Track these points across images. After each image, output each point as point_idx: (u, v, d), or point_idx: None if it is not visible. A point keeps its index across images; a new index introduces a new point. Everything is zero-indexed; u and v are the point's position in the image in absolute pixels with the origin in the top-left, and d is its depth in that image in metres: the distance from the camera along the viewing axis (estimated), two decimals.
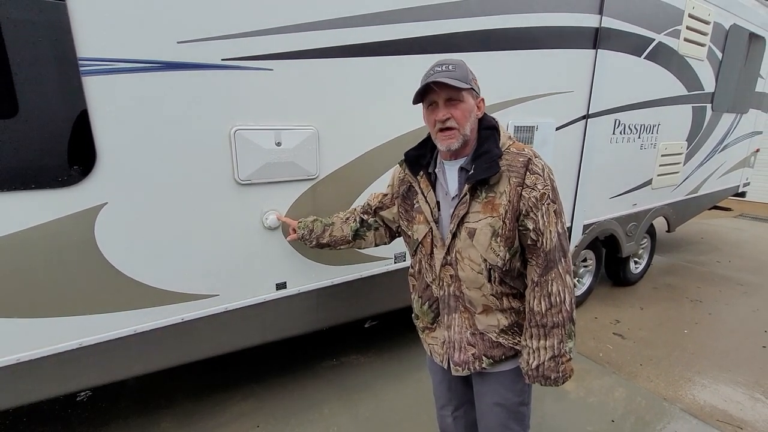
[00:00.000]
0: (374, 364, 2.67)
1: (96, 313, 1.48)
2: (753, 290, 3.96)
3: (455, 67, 1.07)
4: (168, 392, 2.39)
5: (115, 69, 1.32)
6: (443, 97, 1.08)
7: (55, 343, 1.43)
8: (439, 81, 1.04)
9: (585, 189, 2.93)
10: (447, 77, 1.04)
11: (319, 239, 1.56)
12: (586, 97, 2.74)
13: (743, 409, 2.28)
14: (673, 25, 3.07)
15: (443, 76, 1.04)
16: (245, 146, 1.60)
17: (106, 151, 1.36)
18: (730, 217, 7.02)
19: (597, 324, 3.27)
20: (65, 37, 1.23)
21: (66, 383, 1.52)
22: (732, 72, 3.91)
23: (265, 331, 1.92)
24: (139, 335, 1.57)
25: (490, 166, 1.07)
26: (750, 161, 5.07)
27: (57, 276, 1.38)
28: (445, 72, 1.06)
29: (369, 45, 1.80)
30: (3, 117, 1.19)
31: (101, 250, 1.43)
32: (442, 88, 1.06)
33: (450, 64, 1.08)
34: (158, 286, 1.57)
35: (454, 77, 1.05)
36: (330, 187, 1.87)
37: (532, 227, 1.09)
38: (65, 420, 2.18)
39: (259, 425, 2.13)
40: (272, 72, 1.60)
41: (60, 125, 1.27)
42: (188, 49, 1.43)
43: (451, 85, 1.04)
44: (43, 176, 1.28)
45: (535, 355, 1.13)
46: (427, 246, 1.20)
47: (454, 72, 1.06)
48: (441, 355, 1.29)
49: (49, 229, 1.33)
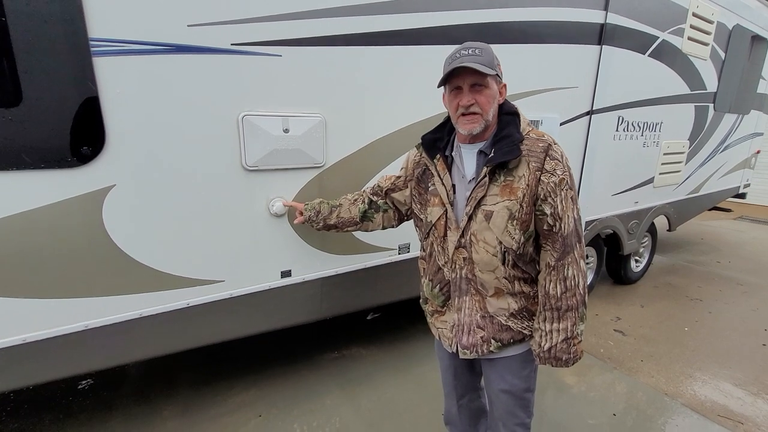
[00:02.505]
0: (376, 357, 2.67)
1: (102, 295, 1.48)
2: (753, 290, 3.97)
3: (481, 51, 1.07)
4: (170, 381, 2.39)
5: (125, 50, 1.32)
6: (468, 83, 1.08)
7: (62, 325, 1.43)
8: (467, 66, 1.04)
9: (588, 185, 2.94)
10: (474, 62, 1.04)
11: (326, 220, 1.56)
12: (591, 93, 2.75)
13: (743, 405, 2.29)
14: (677, 24, 3.09)
15: (470, 61, 1.04)
16: (253, 132, 1.60)
17: (115, 132, 1.37)
18: (731, 219, 7.04)
19: (598, 321, 3.27)
20: (77, 17, 1.23)
21: (71, 365, 1.52)
22: (734, 72, 3.93)
23: (269, 319, 1.92)
24: (145, 319, 1.57)
25: (511, 149, 1.08)
26: (751, 162, 5.09)
27: (64, 257, 1.38)
28: (472, 56, 1.05)
29: (378, 34, 1.80)
30: (12, 96, 1.19)
31: (108, 232, 1.43)
32: (468, 72, 1.06)
33: (476, 48, 1.07)
34: (164, 270, 1.57)
35: (481, 62, 1.04)
36: (336, 176, 1.87)
37: (549, 212, 1.09)
38: (66, 407, 2.18)
39: (261, 414, 2.13)
40: (281, 58, 1.60)
41: (70, 105, 1.27)
42: (198, 33, 1.43)
43: (477, 71, 1.04)
44: (53, 156, 1.28)
45: (547, 338, 1.14)
46: (441, 228, 1.21)
47: (481, 57, 1.05)
48: (450, 339, 1.29)
49: (58, 210, 1.33)
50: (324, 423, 2.07)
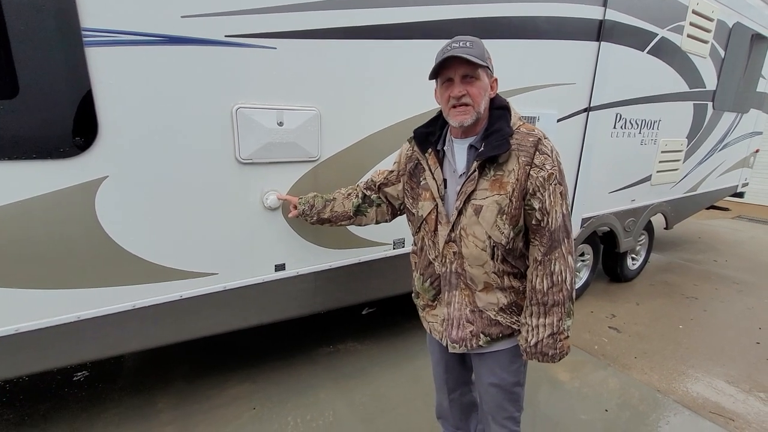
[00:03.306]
0: (370, 351, 2.68)
1: (95, 286, 1.48)
2: (748, 289, 3.98)
3: (472, 44, 1.07)
4: (164, 373, 2.40)
5: (118, 41, 1.32)
6: (460, 74, 1.08)
7: (54, 315, 1.44)
8: (458, 56, 1.04)
9: (585, 182, 2.94)
10: (464, 53, 1.04)
11: (320, 214, 1.56)
12: (588, 90, 2.74)
13: (735, 402, 2.30)
14: (676, 21, 3.07)
15: (461, 52, 1.04)
16: (247, 125, 1.59)
17: (107, 123, 1.36)
18: (729, 218, 7.04)
19: (593, 318, 3.28)
20: (69, 6, 1.22)
21: (64, 356, 1.52)
22: (734, 71, 3.92)
23: (263, 312, 1.92)
24: (138, 311, 1.58)
25: (500, 143, 1.08)
26: (749, 161, 5.08)
27: (56, 248, 1.38)
28: (463, 48, 1.05)
29: (374, 28, 1.79)
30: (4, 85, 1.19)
31: (101, 223, 1.43)
32: (459, 63, 1.06)
33: (467, 40, 1.07)
34: (157, 262, 1.57)
35: (472, 53, 1.04)
36: (331, 170, 1.87)
37: (538, 206, 1.09)
38: (62, 398, 2.19)
39: (255, 407, 2.14)
40: (276, 51, 1.59)
41: (62, 95, 1.27)
42: (192, 24, 1.42)
43: (468, 61, 1.04)
44: (45, 146, 1.28)
45: (534, 333, 1.15)
46: (432, 223, 1.21)
47: (472, 49, 1.06)
48: (440, 333, 1.30)
49: (50, 201, 1.33)
50: (317, 416, 2.08)
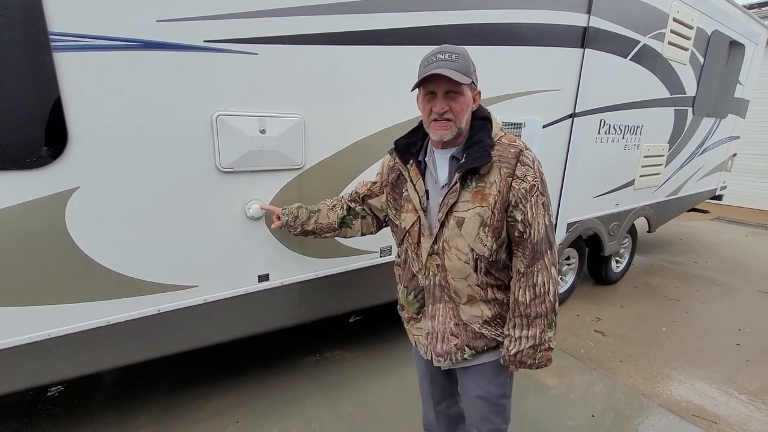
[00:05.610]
0: (358, 360, 2.64)
1: (66, 302, 1.41)
2: (728, 290, 4.08)
3: (458, 57, 1.04)
4: (145, 387, 2.32)
5: (89, 46, 1.26)
6: (443, 89, 1.05)
7: (22, 334, 1.36)
8: (442, 74, 1.01)
9: (570, 187, 2.96)
10: (450, 68, 1.01)
11: (304, 226, 1.52)
12: (573, 96, 2.77)
13: (717, 405, 2.34)
14: (658, 28, 3.13)
15: (446, 67, 1.01)
16: (228, 132, 1.55)
17: (78, 132, 1.30)
18: (708, 220, 7.23)
19: (579, 321, 3.31)
20: (35, 9, 1.16)
21: (33, 376, 1.44)
22: (713, 77, 4.01)
23: (246, 325, 1.87)
24: (113, 326, 1.51)
25: (481, 155, 1.06)
26: (728, 165, 5.22)
27: (25, 262, 1.31)
28: (448, 62, 1.02)
29: (359, 33, 1.76)
30: None
31: (72, 236, 1.36)
32: (443, 80, 1.03)
33: (453, 53, 1.04)
34: (133, 276, 1.51)
35: (457, 69, 1.01)
36: (316, 178, 1.83)
37: (520, 218, 1.08)
38: (34, 416, 2.09)
39: (239, 420, 2.08)
40: (257, 56, 1.55)
41: (28, 102, 1.20)
42: (168, 29, 1.37)
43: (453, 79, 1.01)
44: (11, 156, 1.21)
45: (516, 343, 1.14)
46: (415, 235, 1.18)
47: (457, 63, 1.03)
48: (425, 346, 1.28)
49: (17, 213, 1.26)
50: (304, 428, 2.04)
